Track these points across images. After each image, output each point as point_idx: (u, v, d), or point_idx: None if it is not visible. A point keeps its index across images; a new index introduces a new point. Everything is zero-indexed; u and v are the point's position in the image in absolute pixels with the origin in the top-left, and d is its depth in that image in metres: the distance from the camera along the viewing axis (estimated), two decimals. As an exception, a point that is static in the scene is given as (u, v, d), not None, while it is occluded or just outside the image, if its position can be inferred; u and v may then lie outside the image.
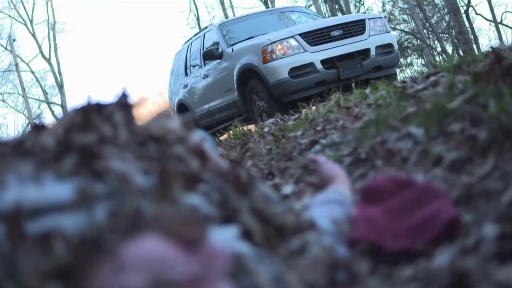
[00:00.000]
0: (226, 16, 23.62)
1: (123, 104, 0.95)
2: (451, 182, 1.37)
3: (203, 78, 7.73)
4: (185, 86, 8.34)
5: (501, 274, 0.87)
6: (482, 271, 0.90)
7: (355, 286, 0.89)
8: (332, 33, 6.33)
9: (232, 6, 25.95)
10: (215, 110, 7.53)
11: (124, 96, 0.97)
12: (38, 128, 0.90)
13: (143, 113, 0.99)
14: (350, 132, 2.38)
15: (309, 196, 1.39)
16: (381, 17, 7.07)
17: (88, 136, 0.83)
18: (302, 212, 1.12)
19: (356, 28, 6.49)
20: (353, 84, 4.87)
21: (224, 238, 0.76)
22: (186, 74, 8.45)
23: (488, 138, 1.42)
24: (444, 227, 1.10)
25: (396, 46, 6.80)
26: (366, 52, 6.37)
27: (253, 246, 0.80)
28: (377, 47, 6.44)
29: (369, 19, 6.67)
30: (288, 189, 2.14)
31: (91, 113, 0.89)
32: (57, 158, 0.80)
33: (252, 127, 5.80)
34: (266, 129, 3.94)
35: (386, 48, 6.56)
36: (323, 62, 6.16)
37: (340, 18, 7.37)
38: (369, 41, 6.44)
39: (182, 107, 8.46)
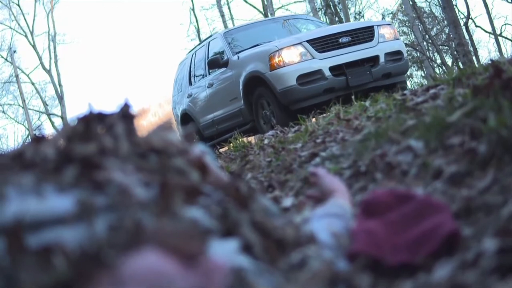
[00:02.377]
0: (226, 28, 23.72)
1: (125, 115, 0.95)
2: (450, 196, 1.37)
3: (208, 87, 7.56)
4: (189, 95, 8.16)
5: (501, 289, 0.87)
6: (481, 285, 0.90)
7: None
8: (340, 40, 6.14)
9: (232, 18, 26.05)
10: (220, 119, 7.34)
11: (126, 106, 0.97)
12: (38, 139, 0.90)
13: (144, 125, 0.99)
14: (350, 145, 2.38)
15: (309, 209, 1.38)
16: (389, 24, 6.81)
17: (89, 147, 0.83)
18: (302, 225, 1.11)
19: (365, 34, 6.30)
20: (353, 96, 4.83)
21: (225, 251, 0.75)
22: (190, 84, 8.27)
23: (488, 152, 1.42)
24: (444, 241, 1.09)
25: (405, 53, 6.56)
26: (375, 59, 6.15)
27: (253, 260, 0.80)
28: (386, 54, 6.25)
29: (378, 25, 6.48)
30: (288, 201, 2.13)
31: (93, 122, 0.89)
32: (58, 168, 0.80)
33: (252, 139, 5.78)
34: (266, 141, 3.93)
35: (395, 55, 6.36)
36: (331, 69, 5.96)
37: (348, 25, 6.98)
38: (378, 48, 6.25)
39: (186, 117, 8.29)
